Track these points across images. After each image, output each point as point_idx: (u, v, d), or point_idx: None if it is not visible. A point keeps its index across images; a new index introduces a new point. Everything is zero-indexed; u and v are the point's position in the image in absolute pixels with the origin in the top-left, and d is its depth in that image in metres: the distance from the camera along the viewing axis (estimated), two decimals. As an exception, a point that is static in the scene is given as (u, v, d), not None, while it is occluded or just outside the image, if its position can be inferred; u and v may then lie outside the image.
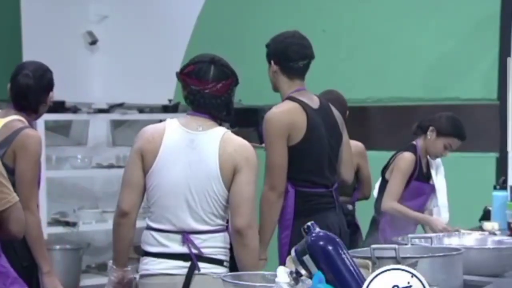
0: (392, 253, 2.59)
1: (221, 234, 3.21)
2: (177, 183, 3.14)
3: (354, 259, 2.23)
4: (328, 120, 3.95)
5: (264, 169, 3.84)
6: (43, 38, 7.25)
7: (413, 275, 2.10)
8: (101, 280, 7.08)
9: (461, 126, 4.77)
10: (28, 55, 6.76)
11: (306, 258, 2.19)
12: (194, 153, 3.14)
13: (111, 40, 7.80)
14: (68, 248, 6.86)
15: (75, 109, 7.00)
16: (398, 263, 2.52)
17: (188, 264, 3.15)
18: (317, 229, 2.24)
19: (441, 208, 4.78)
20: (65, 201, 7.13)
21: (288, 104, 3.85)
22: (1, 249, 2.88)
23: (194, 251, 3.14)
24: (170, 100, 7.36)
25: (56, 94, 6.79)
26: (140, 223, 3.34)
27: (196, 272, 3.15)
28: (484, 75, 6.09)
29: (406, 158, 4.72)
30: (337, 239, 2.22)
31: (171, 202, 3.15)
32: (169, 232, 3.17)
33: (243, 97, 7.06)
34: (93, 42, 7.77)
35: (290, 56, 3.88)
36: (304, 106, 3.87)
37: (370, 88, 5.95)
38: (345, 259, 2.18)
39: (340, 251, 2.19)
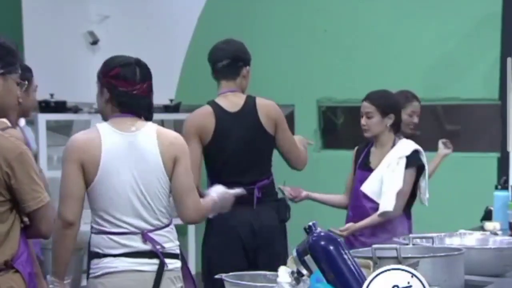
0: (393, 253, 2.59)
1: (171, 227, 3.32)
2: (126, 186, 3.18)
3: (356, 259, 2.24)
4: (246, 123, 4.20)
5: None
6: (44, 38, 7.26)
7: (413, 275, 2.10)
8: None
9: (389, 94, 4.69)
10: (30, 55, 6.76)
11: (308, 258, 2.19)
12: (135, 153, 3.20)
13: (112, 40, 7.80)
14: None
15: (76, 109, 7.01)
16: (400, 263, 2.52)
17: (153, 261, 3.21)
18: (318, 229, 2.24)
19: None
20: (67, 201, 7.12)
21: (203, 108, 4.24)
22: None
23: (158, 247, 3.22)
24: (171, 100, 7.36)
25: (57, 94, 6.86)
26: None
27: (166, 268, 3.23)
28: (485, 74, 6.09)
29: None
30: (339, 239, 2.22)
31: (124, 206, 3.19)
32: (129, 233, 3.20)
33: (244, 97, 7.07)
34: (94, 42, 7.78)
35: (211, 58, 4.30)
36: (217, 110, 4.20)
37: (370, 88, 5.91)
38: (347, 259, 2.18)
39: (342, 251, 2.19)
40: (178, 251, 3.31)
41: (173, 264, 3.26)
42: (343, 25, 6.74)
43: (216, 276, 2.62)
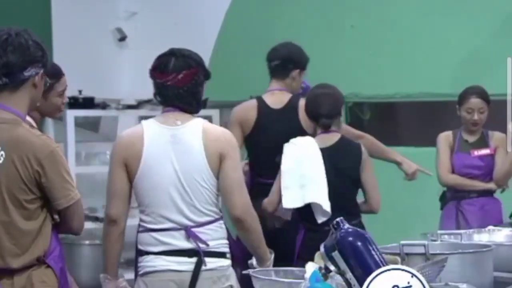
0: (421, 250, 2.58)
1: (219, 224, 3.22)
2: (167, 180, 3.14)
3: (383, 255, 2.23)
4: (286, 120, 4.44)
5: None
6: (72, 35, 7.30)
7: (413, 275, 2.09)
8: (130, 275, 7.12)
9: None
10: (58, 52, 6.80)
11: (335, 254, 2.19)
12: (178, 147, 3.16)
13: (140, 37, 7.83)
14: (98, 243, 6.89)
15: (104, 105, 7.05)
16: (428, 259, 2.52)
17: (192, 259, 3.15)
18: (346, 225, 2.24)
19: None
20: (94, 197, 7.18)
21: (249, 102, 4.60)
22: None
23: (201, 245, 3.15)
24: (198, 96, 7.38)
25: (86, 90, 6.90)
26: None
27: (204, 267, 3.15)
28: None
29: None
30: (366, 235, 2.21)
31: (165, 200, 3.16)
32: (171, 230, 3.16)
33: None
34: (122, 38, 7.81)
35: (267, 57, 4.63)
36: (261, 105, 4.51)
37: (398, 84, 5.92)
38: (374, 255, 2.18)
39: (369, 246, 2.18)
40: (225, 249, 3.21)
41: (215, 263, 3.17)
42: (370, 21, 6.71)
43: (244, 272, 2.63)
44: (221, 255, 3.20)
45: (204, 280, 3.15)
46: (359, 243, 2.18)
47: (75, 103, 6.72)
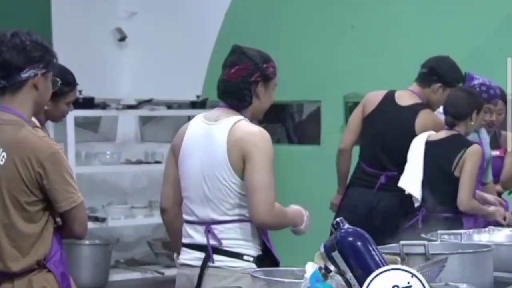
0: (421, 250, 2.58)
1: (243, 225, 3.14)
2: (194, 173, 3.17)
3: (383, 255, 2.23)
4: (402, 118, 4.59)
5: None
6: (72, 35, 7.31)
7: (413, 275, 2.09)
8: (130, 275, 7.13)
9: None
10: (58, 52, 6.78)
11: (335, 254, 2.19)
12: (208, 142, 3.16)
13: (140, 37, 7.84)
14: (98, 243, 6.91)
15: (104, 105, 7.05)
16: (428, 259, 2.51)
17: (203, 255, 3.15)
18: (346, 225, 2.24)
19: None
20: (94, 197, 7.18)
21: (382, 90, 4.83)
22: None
23: (213, 242, 3.13)
24: (198, 96, 7.38)
25: (85, 91, 6.91)
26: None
27: (211, 264, 3.12)
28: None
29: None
30: (366, 235, 2.21)
31: (191, 193, 3.19)
32: (195, 223, 3.19)
33: (271, 93, 7.05)
34: (122, 38, 7.81)
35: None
36: (389, 94, 4.72)
37: (398, 84, 5.90)
38: (374, 255, 2.18)
39: (369, 247, 2.18)
40: (242, 250, 3.13)
41: (225, 261, 3.12)
42: (370, 21, 6.71)
43: (244, 272, 2.63)
44: (235, 255, 3.13)
45: (209, 276, 3.12)
46: (359, 243, 2.18)
47: (75, 103, 6.71)
